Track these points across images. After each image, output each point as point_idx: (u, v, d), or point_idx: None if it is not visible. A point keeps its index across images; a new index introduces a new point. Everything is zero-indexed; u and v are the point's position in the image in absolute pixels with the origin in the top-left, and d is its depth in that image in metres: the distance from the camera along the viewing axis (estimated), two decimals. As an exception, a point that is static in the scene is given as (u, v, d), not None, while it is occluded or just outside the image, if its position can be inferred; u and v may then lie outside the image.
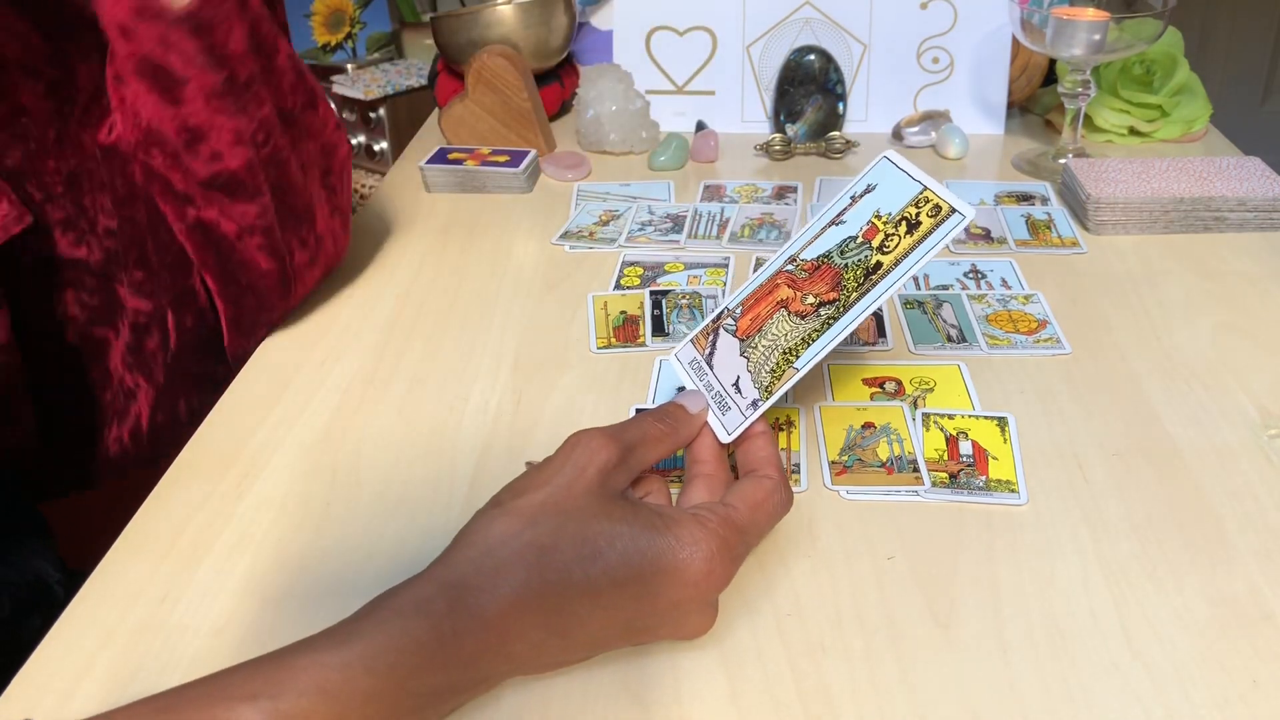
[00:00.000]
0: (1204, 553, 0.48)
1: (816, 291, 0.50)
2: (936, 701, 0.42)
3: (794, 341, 0.49)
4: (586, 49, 1.11)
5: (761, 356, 0.50)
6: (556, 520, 0.40)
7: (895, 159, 0.52)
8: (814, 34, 0.99)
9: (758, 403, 0.48)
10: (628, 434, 0.45)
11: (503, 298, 0.73)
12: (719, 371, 0.51)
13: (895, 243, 0.49)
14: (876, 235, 0.50)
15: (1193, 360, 0.63)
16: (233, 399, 0.63)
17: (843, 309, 0.49)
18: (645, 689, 0.43)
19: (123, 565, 0.51)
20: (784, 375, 0.49)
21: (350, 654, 0.36)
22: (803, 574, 0.48)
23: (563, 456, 0.43)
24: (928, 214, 0.49)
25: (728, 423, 0.49)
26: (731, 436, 0.48)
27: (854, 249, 0.51)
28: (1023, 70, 1.00)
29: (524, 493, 0.42)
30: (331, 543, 0.52)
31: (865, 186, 0.52)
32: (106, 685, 0.44)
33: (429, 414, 0.61)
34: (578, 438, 0.43)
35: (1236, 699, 0.41)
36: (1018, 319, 0.68)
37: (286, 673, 0.35)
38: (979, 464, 0.54)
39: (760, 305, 0.52)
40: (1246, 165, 0.82)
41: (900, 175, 0.52)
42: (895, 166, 0.52)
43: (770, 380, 0.49)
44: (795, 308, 0.50)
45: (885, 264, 0.49)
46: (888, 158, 0.53)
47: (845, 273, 0.50)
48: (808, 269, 0.51)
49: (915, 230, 0.49)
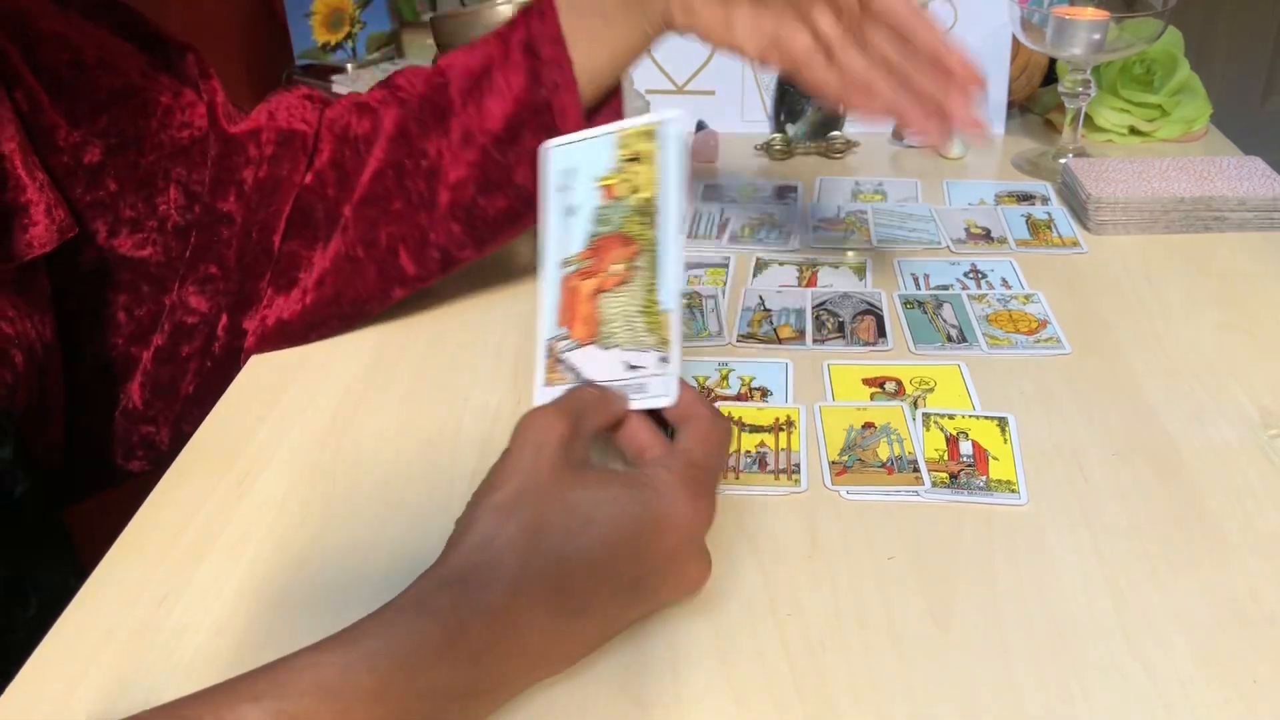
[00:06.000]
0: (1204, 553, 0.48)
1: (615, 259, 0.50)
2: (936, 701, 0.42)
3: (641, 299, 0.49)
4: (586, 49, 1.11)
5: (626, 333, 0.49)
6: (537, 503, 0.41)
7: (553, 144, 0.53)
8: (814, 34, 0.99)
9: (665, 358, 0.48)
10: (570, 404, 0.45)
11: (503, 297, 0.73)
12: (602, 377, 0.49)
13: (638, 177, 0.49)
14: (616, 189, 0.50)
15: (1193, 360, 0.63)
16: (233, 399, 0.63)
17: (652, 247, 0.49)
18: (645, 689, 0.43)
19: (123, 565, 0.51)
20: (661, 322, 0.48)
21: (353, 653, 0.36)
22: (803, 574, 0.48)
23: (519, 442, 0.43)
24: (640, 143, 0.50)
25: (659, 389, 0.48)
26: (673, 396, 0.47)
27: (611, 212, 0.50)
28: (1023, 70, 1.00)
29: (496, 488, 0.42)
30: (331, 543, 0.52)
31: (562, 175, 0.52)
32: (107, 685, 0.44)
33: (429, 414, 0.61)
34: (526, 420, 0.44)
35: (1236, 699, 0.41)
36: (1018, 319, 0.68)
37: (289, 674, 0.35)
38: (979, 464, 0.54)
39: (577, 310, 0.51)
40: (1246, 165, 0.82)
41: (584, 144, 0.52)
42: (567, 144, 0.53)
43: (656, 338, 0.48)
44: (610, 284, 0.50)
45: (649, 195, 0.49)
46: (546, 148, 0.53)
47: (624, 229, 0.50)
48: (586, 256, 0.51)
49: (643, 158, 0.49)
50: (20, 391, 0.57)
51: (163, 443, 0.68)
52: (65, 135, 0.60)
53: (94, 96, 0.61)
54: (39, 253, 0.58)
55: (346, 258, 0.66)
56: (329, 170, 0.66)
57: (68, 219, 0.59)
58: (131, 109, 0.62)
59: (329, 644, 0.36)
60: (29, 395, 0.58)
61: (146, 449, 0.68)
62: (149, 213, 0.64)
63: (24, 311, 0.58)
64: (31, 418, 0.60)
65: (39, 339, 0.59)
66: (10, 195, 0.56)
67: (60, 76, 0.60)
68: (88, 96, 0.61)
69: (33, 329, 0.58)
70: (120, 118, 0.62)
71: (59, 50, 0.60)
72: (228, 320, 0.67)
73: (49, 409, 0.62)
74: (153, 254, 0.64)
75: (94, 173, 0.61)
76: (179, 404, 0.67)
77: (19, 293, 0.58)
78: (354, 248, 0.66)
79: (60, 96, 0.60)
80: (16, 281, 0.58)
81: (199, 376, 0.67)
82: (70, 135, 0.60)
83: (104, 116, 0.61)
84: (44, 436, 0.62)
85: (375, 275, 0.66)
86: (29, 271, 0.59)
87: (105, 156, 0.61)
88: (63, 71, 0.60)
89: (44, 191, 0.58)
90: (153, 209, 0.64)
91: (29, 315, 0.58)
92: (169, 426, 0.68)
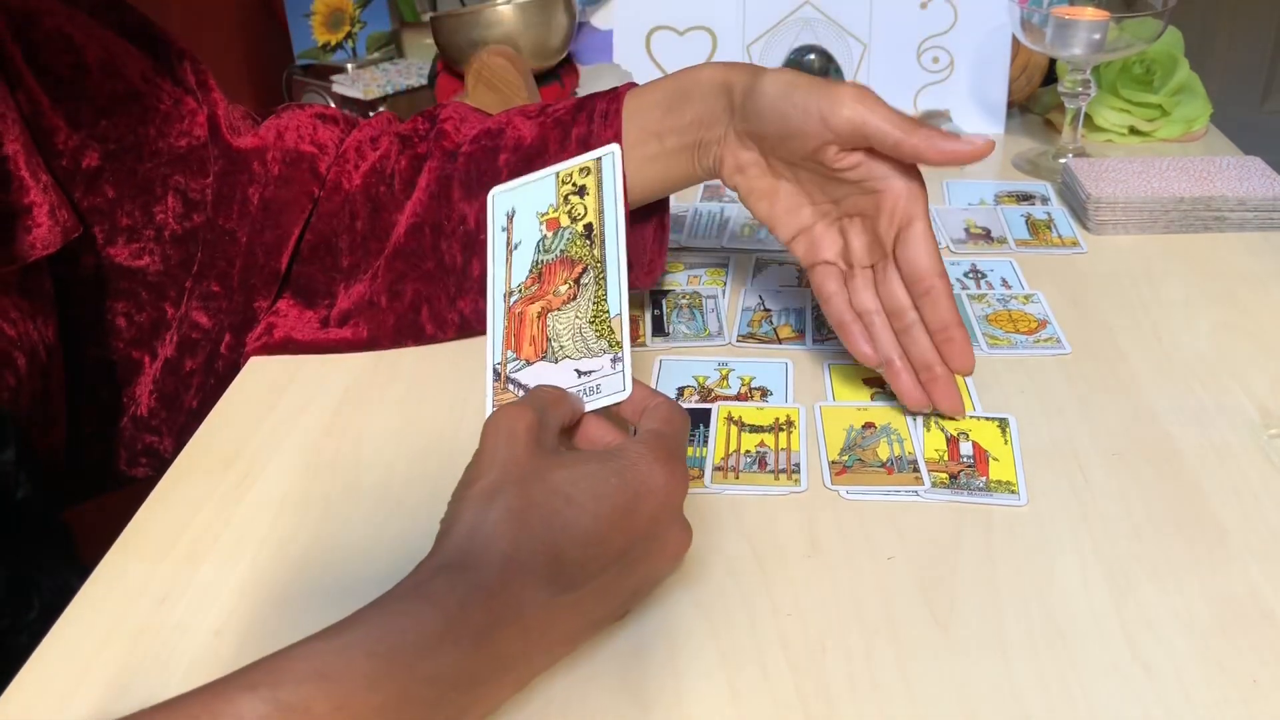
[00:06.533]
0: (1204, 553, 0.48)
1: (561, 280, 0.51)
2: (936, 701, 0.42)
3: (590, 312, 0.50)
4: (586, 49, 1.11)
5: (576, 343, 0.50)
6: (518, 486, 0.41)
7: (500, 188, 0.56)
8: (814, 34, 0.99)
9: (617, 357, 0.49)
10: (532, 399, 0.47)
11: (503, 298, 0.73)
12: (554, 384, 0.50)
13: (581, 208, 0.52)
14: (559, 219, 0.53)
15: (1193, 360, 0.63)
16: (233, 399, 0.63)
17: (599, 263, 0.51)
18: (645, 689, 0.43)
19: (123, 565, 0.51)
20: (613, 328, 0.50)
21: (350, 638, 0.36)
22: (803, 574, 0.48)
23: (489, 438, 0.44)
24: (581, 177, 0.53)
25: (613, 386, 0.49)
26: (628, 390, 0.49)
27: (554, 241, 0.53)
28: (1023, 70, 1.00)
29: (476, 480, 0.43)
30: (331, 543, 0.52)
31: (506, 216, 0.55)
32: (106, 685, 0.44)
33: (429, 414, 0.61)
34: (493, 417, 0.45)
35: (1236, 699, 0.41)
36: (1018, 319, 0.68)
37: (286, 662, 0.35)
38: (979, 465, 0.54)
39: (524, 332, 0.52)
40: (1246, 165, 0.82)
41: (524, 187, 0.55)
42: (510, 189, 0.56)
43: (606, 343, 0.50)
44: (557, 304, 0.51)
45: (593, 220, 0.51)
46: (494, 192, 0.56)
47: (567, 253, 0.52)
48: (530, 283, 0.53)
49: (586, 191, 0.52)
50: (23, 394, 0.57)
51: (166, 451, 0.68)
52: (65, 139, 0.60)
53: (95, 100, 0.61)
54: (42, 254, 0.57)
55: (369, 303, 0.66)
56: (361, 200, 0.66)
57: (72, 220, 0.59)
58: (132, 114, 0.62)
59: (326, 633, 0.36)
60: (31, 398, 0.58)
61: (150, 457, 0.68)
62: (145, 221, 0.63)
63: (27, 314, 0.58)
64: (34, 420, 0.59)
65: (41, 341, 0.59)
66: (14, 197, 0.56)
67: (62, 79, 0.59)
68: (89, 100, 0.60)
69: (35, 331, 0.58)
70: (120, 123, 0.62)
71: (62, 52, 0.60)
72: (230, 338, 0.67)
73: (52, 411, 0.62)
74: (150, 264, 0.64)
75: (92, 178, 0.61)
76: (183, 416, 0.67)
77: (22, 295, 0.58)
78: (379, 296, 0.65)
79: (61, 99, 0.59)
80: (19, 284, 0.58)
81: (201, 391, 0.67)
82: (70, 139, 0.60)
83: (104, 121, 0.61)
84: (47, 439, 0.62)
85: (391, 326, 0.66)
86: (32, 273, 0.58)
87: (104, 162, 0.61)
88: (64, 74, 0.60)
89: (48, 193, 0.58)
90: (149, 217, 0.63)
91: (32, 317, 0.58)
92: (173, 437, 0.68)
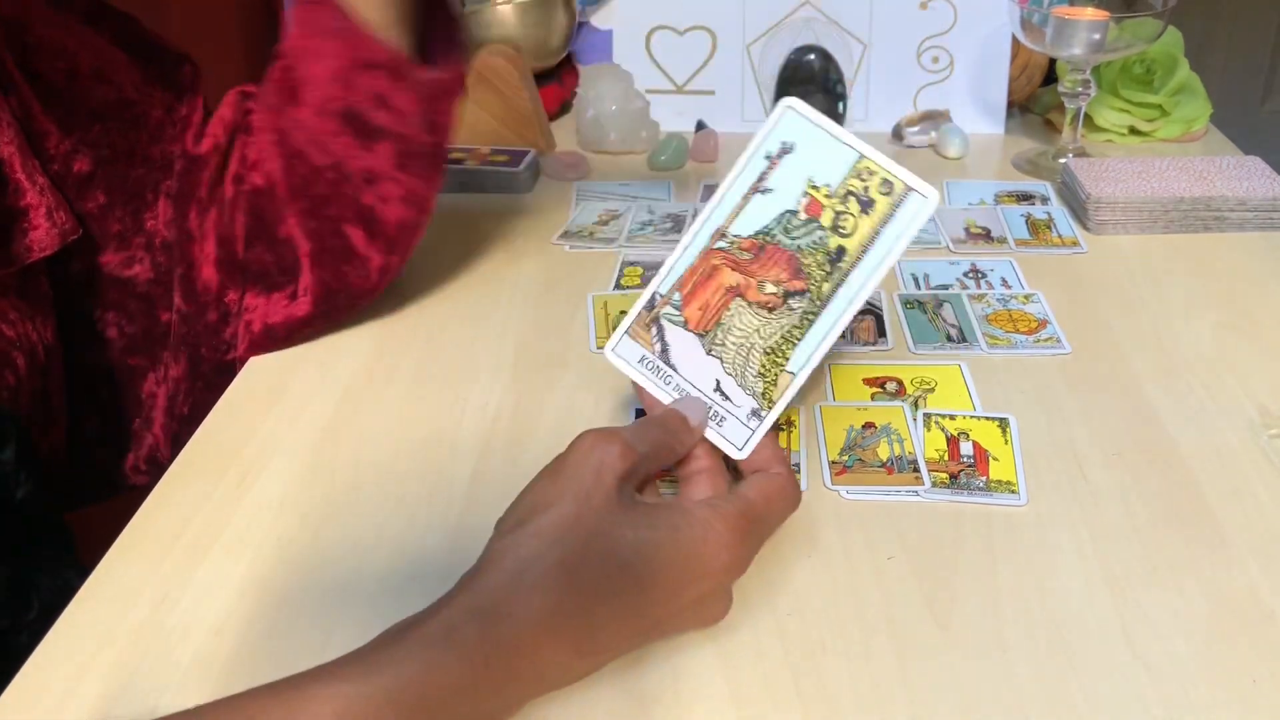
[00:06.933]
0: (1204, 553, 0.48)
1: (775, 279, 0.46)
2: (936, 701, 0.42)
3: (773, 340, 0.46)
4: (586, 49, 1.11)
5: (737, 357, 0.46)
6: (583, 537, 0.39)
7: (802, 109, 0.47)
8: (814, 33, 0.99)
9: (759, 412, 0.46)
10: (640, 443, 0.43)
11: (503, 297, 0.73)
12: (686, 372, 0.47)
13: (851, 223, 0.45)
14: (823, 212, 0.46)
15: (1193, 360, 0.63)
16: (233, 399, 0.63)
17: (818, 301, 0.45)
18: (645, 689, 0.43)
19: (123, 565, 0.50)
20: (778, 381, 0.46)
21: (374, 685, 0.34)
22: (803, 574, 0.48)
23: (578, 460, 0.42)
24: (878, 190, 0.45)
25: (732, 436, 0.46)
26: (744, 453, 0.46)
27: (800, 228, 0.46)
28: (1023, 70, 1.00)
29: (544, 508, 0.40)
30: (331, 543, 0.52)
31: (780, 145, 0.47)
32: (106, 685, 0.44)
33: (429, 414, 0.61)
34: (592, 441, 0.42)
35: (1236, 699, 0.41)
36: (1018, 319, 0.68)
37: (308, 702, 0.34)
38: (979, 464, 0.54)
39: (704, 291, 0.47)
40: (1246, 165, 0.82)
41: (821, 134, 0.46)
42: (808, 120, 0.47)
43: (764, 386, 0.46)
44: (754, 297, 0.46)
45: (850, 249, 0.45)
46: (793, 109, 0.47)
47: (802, 257, 0.46)
48: (748, 248, 0.47)
49: (870, 210, 0.45)
50: (23, 394, 0.57)
51: (164, 458, 0.68)
52: (56, 143, 0.60)
53: (87, 106, 0.61)
54: (39, 256, 0.58)
55: (308, 254, 0.65)
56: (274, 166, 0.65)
57: (70, 222, 0.59)
58: (124, 121, 0.62)
59: (349, 670, 0.35)
60: (31, 397, 0.58)
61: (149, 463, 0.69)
62: (135, 228, 0.63)
63: (25, 315, 0.58)
64: (35, 420, 0.60)
65: (40, 341, 0.59)
66: (10, 199, 0.56)
67: (54, 85, 0.60)
68: (81, 106, 0.61)
69: (34, 332, 0.58)
70: (112, 129, 0.62)
71: (54, 58, 0.60)
72: (212, 339, 0.67)
73: (52, 412, 0.62)
74: (140, 272, 0.64)
75: (83, 183, 0.61)
76: (176, 423, 0.68)
77: (20, 296, 0.58)
78: (311, 241, 0.64)
79: (52, 104, 0.60)
80: (18, 286, 0.58)
81: (190, 396, 0.67)
82: (61, 144, 0.60)
83: (96, 126, 0.61)
84: (48, 439, 0.62)
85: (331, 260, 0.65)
86: (30, 275, 0.59)
87: (95, 167, 0.61)
88: (56, 80, 0.60)
89: (44, 195, 0.58)
90: (140, 225, 0.64)
91: (30, 318, 0.58)
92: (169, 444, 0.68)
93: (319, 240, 0.64)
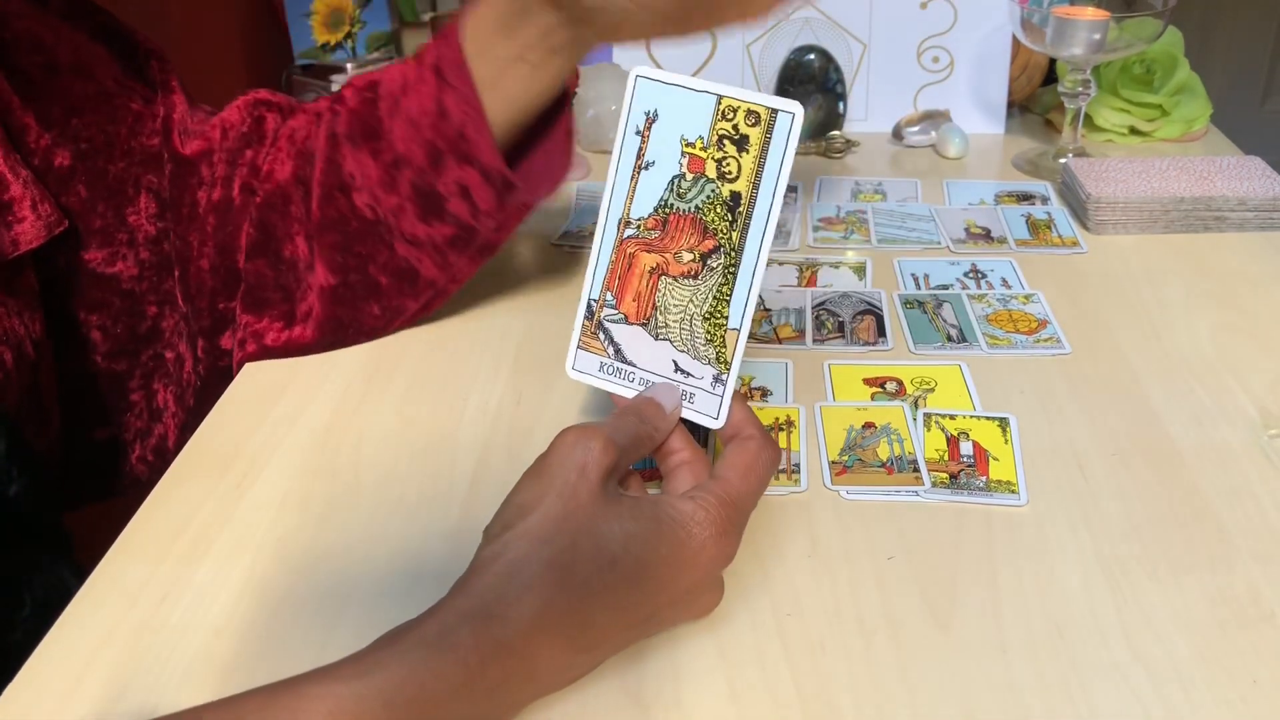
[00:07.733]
0: (1204, 553, 0.48)
1: (688, 246, 0.46)
2: (936, 701, 0.42)
3: (708, 305, 0.46)
4: (586, 49, 1.11)
5: (682, 332, 0.47)
6: (571, 535, 0.40)
7: (650, 73, 0.47)
8: (814, 33, 0.99)
9: (720, 378, 0.46)
10: (620, 436, 0.44)
11: (503, 298, 0.73)
12: (644, 364, 0.48)
13: (734, 166, 0.45)
14: (706, 165, 0.46)
15: (1193, 360, 0.63)
16: (233, 399, 0.63)
17: (734, 253, 0.46)
18: (645, 689, 0.43)
19: (123, 565, 0.51)
20: (725, 340, 0.46)
21: (368, 685, 0.35)
22: (803, 574, 0.48)
23: (560, 459, 0.42)
24: (746, 124, 0.45)
25: (705, 409, 0.47)
26: (721, 420, 0.46)
27: (691, 188, 0.46)
28: (1023, 70, 1.00)
29: (530, 509, 0.41)
30: (331, 543, 0.52)
31: (644, 116, 0.47)
32: (106, 685, 0.44)
33: (429, 414, 0.61)
34: (574, 438, 0.43)
35: (1236, 699, 0.41)
36: (1018, 319, 0.68)
37: (302, 701, 0.34)
38: (979, 464, 0.54)
39: (631, 282, 0.47)
40: (1246, 165, 0.82)
41: (677, 91, 0.46)
42: (661, 82, 0.47)
43: (715, 350, 0.46)
44: (676, 270, 0.47)
45: (743, 191, 0.45)
46: (641, 75, 0.47)
47: (704, 215, 0.46)
48: (653, 226, 0.47)
49: (746, 146, 0.45)
50: (11, 389, 0.57)
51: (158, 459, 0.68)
52: (35, 137, 0.60)
53: (66, 100, 0.61)
54: (25, 249, 0.57)
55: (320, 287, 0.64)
56: (292, 186, 0.65)
57: (55, 214, 0.59)
58: (102, 114, 0.62)
59: (344, 671, 0.35)
60: (21, 393, 0.58)
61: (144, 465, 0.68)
62: (118, 224, 0.63)
63: (12, 310, 0.58)
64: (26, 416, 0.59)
65: (28, 336, 0.59)
66: None
67: (32, 79, 0.59)
68: (60, 100, 0.60)
69: (21, 326, 0.58)
70: (90, 123, 0.61)
71: (32, 52, 0.59)
72: (205, 343, 0.67)
73: (44, 408, 0.62)
74: (124, 269, 0.64)
75: (64, 178, 0.61)
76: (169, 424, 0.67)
77: (7, 291, 0.58)
78: (326, 275, 0.64)
79: (31, 98, 0.59)
80: (4, 280, 0.57)
81: (181, 400, 0.67)
82: (40, 138, 0.60)
83: (74, 120, 0.61)
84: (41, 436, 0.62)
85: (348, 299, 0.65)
86: (15, 269, 0.58)
87: (75, 161, 0.61)
88: (34, 74, 0.60)
89: (28, 188, 0.57)
90: (122, 219, 0.63)
91: (17, 313, 0.58)
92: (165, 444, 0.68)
93: (343, 274, 0.64)
